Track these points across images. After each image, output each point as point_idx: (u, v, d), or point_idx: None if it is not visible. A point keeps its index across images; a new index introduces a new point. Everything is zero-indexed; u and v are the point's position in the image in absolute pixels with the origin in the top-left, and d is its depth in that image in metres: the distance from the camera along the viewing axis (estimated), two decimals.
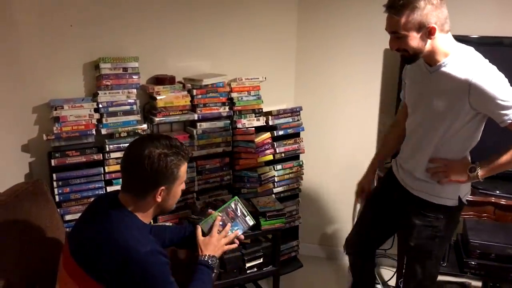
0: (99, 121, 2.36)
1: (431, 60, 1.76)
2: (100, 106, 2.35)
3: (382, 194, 2.20)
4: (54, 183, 2.26)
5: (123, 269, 1.39)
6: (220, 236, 1.74)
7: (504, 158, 1.74)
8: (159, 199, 1.51)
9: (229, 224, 1.81)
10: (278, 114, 2.91)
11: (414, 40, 1.67)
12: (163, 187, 1.50)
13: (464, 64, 1.70)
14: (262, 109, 2.87)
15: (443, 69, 1.74)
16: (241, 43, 2.88)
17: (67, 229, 2.01)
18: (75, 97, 2.34)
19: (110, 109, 2.37)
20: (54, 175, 2.26)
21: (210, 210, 1.87)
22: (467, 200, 1.98)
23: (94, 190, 2.35)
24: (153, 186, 1.49)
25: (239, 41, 2.87)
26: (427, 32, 1.66)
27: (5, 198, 1.77)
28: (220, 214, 1.82)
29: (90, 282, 1.45)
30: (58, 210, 2.19)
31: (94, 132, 2.34)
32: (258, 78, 2.82)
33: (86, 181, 2.34)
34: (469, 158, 1.93)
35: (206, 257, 1.67)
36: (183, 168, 1.54)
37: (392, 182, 2.09)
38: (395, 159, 2.15)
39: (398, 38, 1.69)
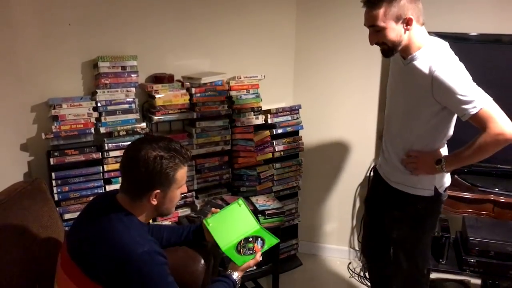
0: (98, 119, 2.36)
1: (405, 53, 1.82)
2: (99, 104, 2.34)
3: (373, 195, 2.24)
4: (53, 182, 2.26)
5: (121, 269, 1.39)
6: (254, 261, 1.74)
7: (467, 152, 1.77)
8: (154, 202, 1.49)
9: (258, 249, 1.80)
10: (277, 112, 2.91)
11: (393, 32, 1.73)
12: (158, 190, 1.47)
13: (431, 58, 1.75)
14: (261, 107, 2.87)
15: (414, 62, 1.79)
16: (240, 42, 2.87)
17: (66, 228, 2.01)
18: (74, 96, 2.34)
19: (109, 107, 2.37)
20: (53, 174, 2.26)
21: (213, 209, 1.87)
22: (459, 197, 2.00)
23: (93, 189, 2.34)
24: (147, 189, 1.47)
25: (238, 39, 2.86)
26: (405, 23, 1.72)
27: (4, 197, 1.77)
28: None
29: (88, 282, 1.44)
30: (57, 209, 2.19)
31: (93, 130, 2.33)
32: (256, 77, 2.81)
33: (85, 180, 2.33)
34: (446, 151, 1.96)
35: (236, 276, 1.68)
36: (181, 172, 1.51)
37: (377, 179, 2.14)
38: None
39: (377, 31, 1.74)
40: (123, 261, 1.39)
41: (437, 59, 1.74)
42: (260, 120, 2.84)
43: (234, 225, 1.87)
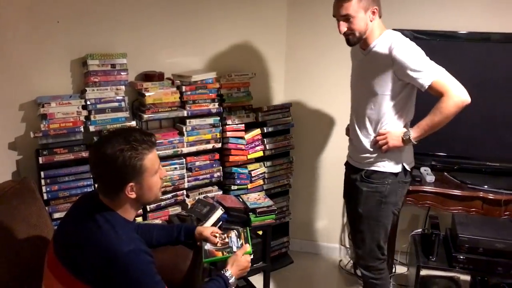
0: (87, 118, 2.34)
1: (365, 43, 2.05)
2: (88, 103, 2.33)
3: (347, 185, 2.35)
4: (42, 181, 2.24)
5: (107, 269, 1.38)
6: (242, 250, 1.76)
7: (430, 118, 1.96)
8: (132, 195, 1.47)
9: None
10: (268, 110, 2.91)
11: (362, 21, 1.97)
12: (131, 183, 1.45)
13: (389, 41, 1.98)
14: (251, 105, 2.87)
15: (374, 49, 2.02)
16: (231, 39, 2.87)
17: (56, 227, 1.99)
18: (63, 94, 2.32)
19: (98, 106, 2.35)
20: (42, 173, 2.23)
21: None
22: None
23: (82, 187, 2.32)
24: (119, 185, 1.45)
25: (228, 37, 2.86)
26: (371, 13, 1.97)
27: None
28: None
29: (74, 283, 1.43)
30: (46, 208, 2.17)
31: (82, 129, 2.31)
32: (247, 74, 2.81)
33: (75, 178, 2.31)
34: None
35: (229, 274, 1.67)
36: (149, 159, 1.46)
37: (348, 169, 2.31)
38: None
39: (347, 20, 1.96)
40: (109, 261, 1.37)
41: (394, 41, 1.97)
42: (251, 118, 2.84)
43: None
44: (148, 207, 2.53)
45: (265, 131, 2.89)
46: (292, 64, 3.09)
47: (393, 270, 2.95)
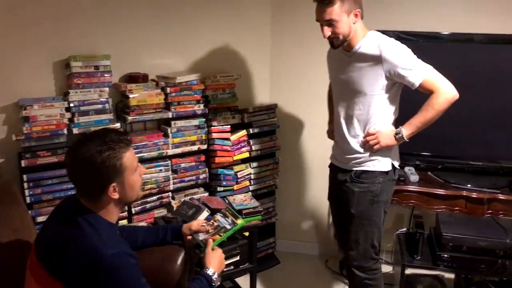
0: (71, 120, 2.32)
1: (349, 45, 2.05)
2: (72, 105, 2.30)
3: (333, 187, 2.35)
4: (25, 184, 2.21)
5: (91, 273, 1.36)
6: (218, 252, 1.76)
7: (421, 115, 2.00)
8: (115, 195, 1.46)
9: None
10: (254, 111, 2.91)
11: (345, 24, 1.97)
12: (113, 184, 1.44)
13: (375, 42, 2.01)
14: (237, 106, 2.87)
15: (360, 50, 2.03)
16: (215, 41, 2.86)
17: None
18: (46, 97, 2.30)
19: (82, 108, 2.33)
20: (24, 176, 2.21)
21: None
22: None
23: (66, 190, 2.30)
24: (101, 187, 1.44)
25: (213, 38, 2.85)
26: (354, 16, 1.98)
27: None
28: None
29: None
30: (30, 211, 2.15)
31: (65, 131, 2.29)
32: (232, 76, 2.81)
33: (58, 181, 2.29)
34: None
35: (211, 271, 1.67)
36: (127, 157, 1.46)
37: (334, 170, 2.31)
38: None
39: (332, 25, 1.97)
40: (93, 265, 1.36)
41: (383, 41, 2.01)
42: (236, 119, 2.84)
43: None
44: (133, 209, 2.51)
45: (251, 132, 2.90)
46: (277, 65, 3.10)
47: None
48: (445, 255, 2.45)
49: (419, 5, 2.72)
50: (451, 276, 2.79)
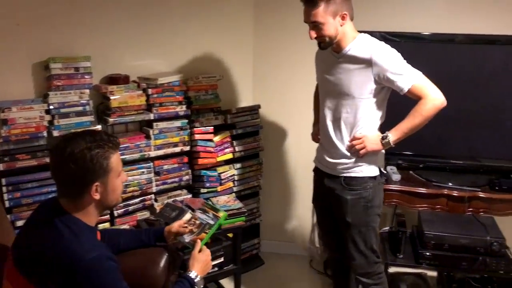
0: (51, 123, 2.29)
1: (338, 46, 2.03)
2: (51, 107, 2.27)
3: (319, 191, 2.32)
4: (4, 188, 2.17)
5: (71, 278, 1.34)
6: (205, 254, 1.74)
7: (409, 121, 2.00)
8: (96, 196, 1.45)
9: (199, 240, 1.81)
10: (237, 112, 2.90)
11: (331, 26, 1.95)
12: (97, 183, 1.44)
13: (366, 45, 2.00)
14: (220, 107, 2.86)
15: (349, 53, 2.02)
16: (197, 42, 2.85)
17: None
18: (24, 99, 2.26)
19: (62, 110, 2.30)
20: (3, 180, 2.17)
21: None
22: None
23: (47, 194, 2.26)
24: (85, 184, 1.43)
25: (195, 38, 2.84)
26: (341, 18, 1.95)
27: None
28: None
29: None
30: (9, 216, 2.11)
31: (45, 134, 2.26)
32: (215, 77, 2.80)
33: (38, 185, 2.25)
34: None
35: (193, 274, 1.66)
36: (114, 158, 1.47)
37: (320, 176, 2.26)
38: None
39: (317, 26, 1.95)
40: (72, 269, 1.34)
41: (374, 45, 2.00)
42: (219, 120, 2.83)
43: None
44: (115, 212, 2.49)
45: (234, 133, 2.89)
46: (259, 65, 3.10)
47: None
48: (427, 253, 2.48)
49: (401, 6, 2.75)
50: (434, 274, 2.82)
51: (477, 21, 2.65)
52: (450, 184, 2.58)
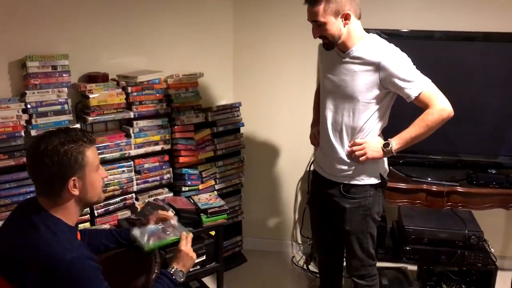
0: (28, 122, 2.25)
1: (344, 46, 1.94)
2: (29, 106, 2.24)
3: (316, 194, 2.27)
4: None
5: (51, 278, 1.33)
6: (186, 248, 1.71)
7: (414, 130, 1.92)
8: (75, 191, 1.44)
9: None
10: (218, 110, 2.90)
11: (333, 26, 1.87)
12: (74, 178, 1.42)
13: (375, 47, 1.92)
14: (201, 105, 2.85)
15: (355, 53, 1.93)
16: (177, 39, 2.83)
17: None
18: (1, 98, 2.22)
19: (40, 109, 2.27)
20: None
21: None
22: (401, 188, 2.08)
23: (25, 194, 2.23)
24: (61, 180, 1.41)
25: (174, 36, 2.82)
26: (343, 17, 1.87)
27: None
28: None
29: None
30: None
31: (23, 133, 2.23)
32: (195, 74, 2.79)
33: (16, 185, 2.22)
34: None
35: (172, 269, 1.64)
36: (90, 153, 1.46)
37: (319, 179, 2.20)
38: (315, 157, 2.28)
39: (319, 26, 1.89)
40: (51, 269, 1.33)
41: (383, 48, 1.92)
42: (200, 118, 2.81)
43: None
44: (96, 212, 2.46)
45: (215, 131, 2.88)
46: (240, 63, 3.09)
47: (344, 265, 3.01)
48: (407, 248, 2.52)
49: (379, 3, 2.77)
50: (414, 268, 2.87)
51: (456, 18, 2.70)
52: (429, 179, 2.62)
